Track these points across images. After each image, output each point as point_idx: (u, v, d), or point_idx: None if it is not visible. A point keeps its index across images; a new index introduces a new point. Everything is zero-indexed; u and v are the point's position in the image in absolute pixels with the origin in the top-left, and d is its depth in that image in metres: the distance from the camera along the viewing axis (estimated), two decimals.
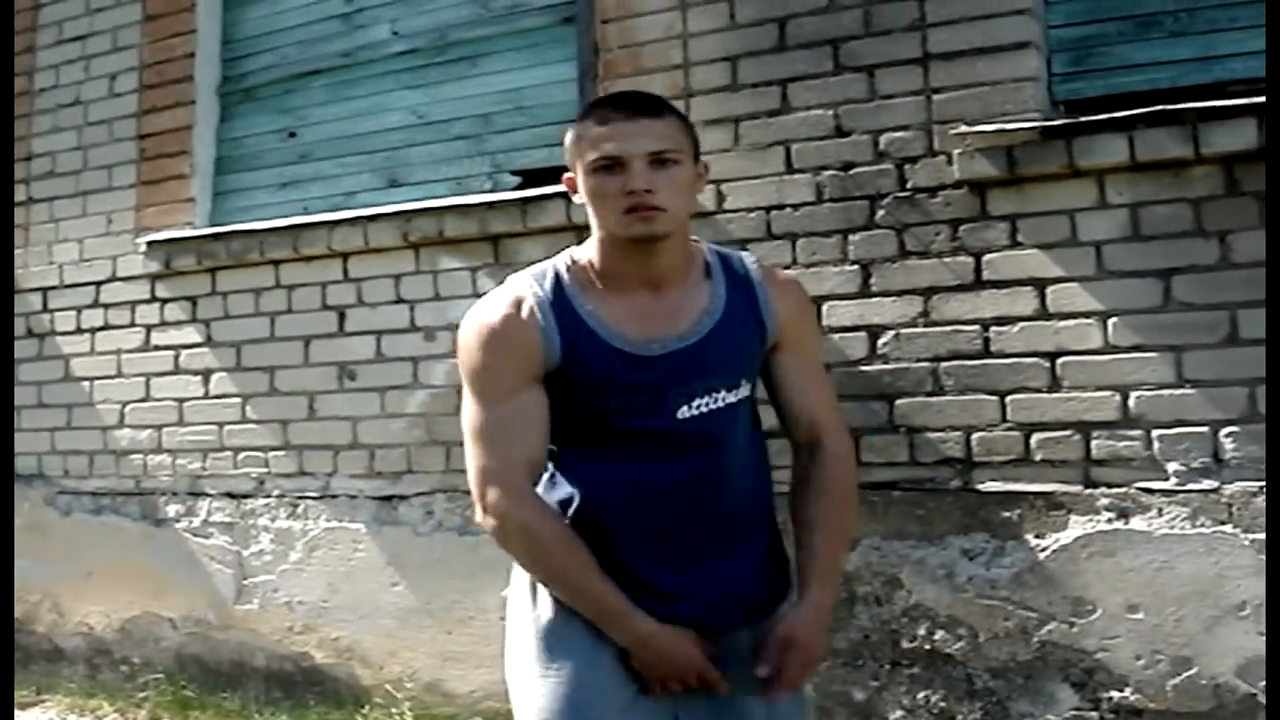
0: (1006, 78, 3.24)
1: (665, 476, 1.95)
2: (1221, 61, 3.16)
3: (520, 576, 2.05)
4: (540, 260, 2.09)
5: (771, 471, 2.11)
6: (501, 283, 2.07)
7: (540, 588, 1.99)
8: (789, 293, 2.10)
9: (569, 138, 2.00)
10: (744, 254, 2.13)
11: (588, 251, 2.01)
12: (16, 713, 4.68)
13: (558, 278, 2.00)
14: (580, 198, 1.99)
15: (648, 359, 1.95)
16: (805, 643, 1.93)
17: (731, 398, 1.99)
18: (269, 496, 4.44)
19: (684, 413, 1.95)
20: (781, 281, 2.13)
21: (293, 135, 4.67)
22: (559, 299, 1.97)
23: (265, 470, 4.45)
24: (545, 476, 2.02)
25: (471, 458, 1.97)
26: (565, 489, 2.00)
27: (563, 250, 2.06)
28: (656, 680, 1.92)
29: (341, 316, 4.31)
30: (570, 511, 1.98)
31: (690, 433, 1.96)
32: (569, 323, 1.96)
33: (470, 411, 1.99)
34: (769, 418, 2.11)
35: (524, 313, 1.96)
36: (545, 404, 1.96)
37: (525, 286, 1.99)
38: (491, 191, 4.08)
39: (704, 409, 1.96)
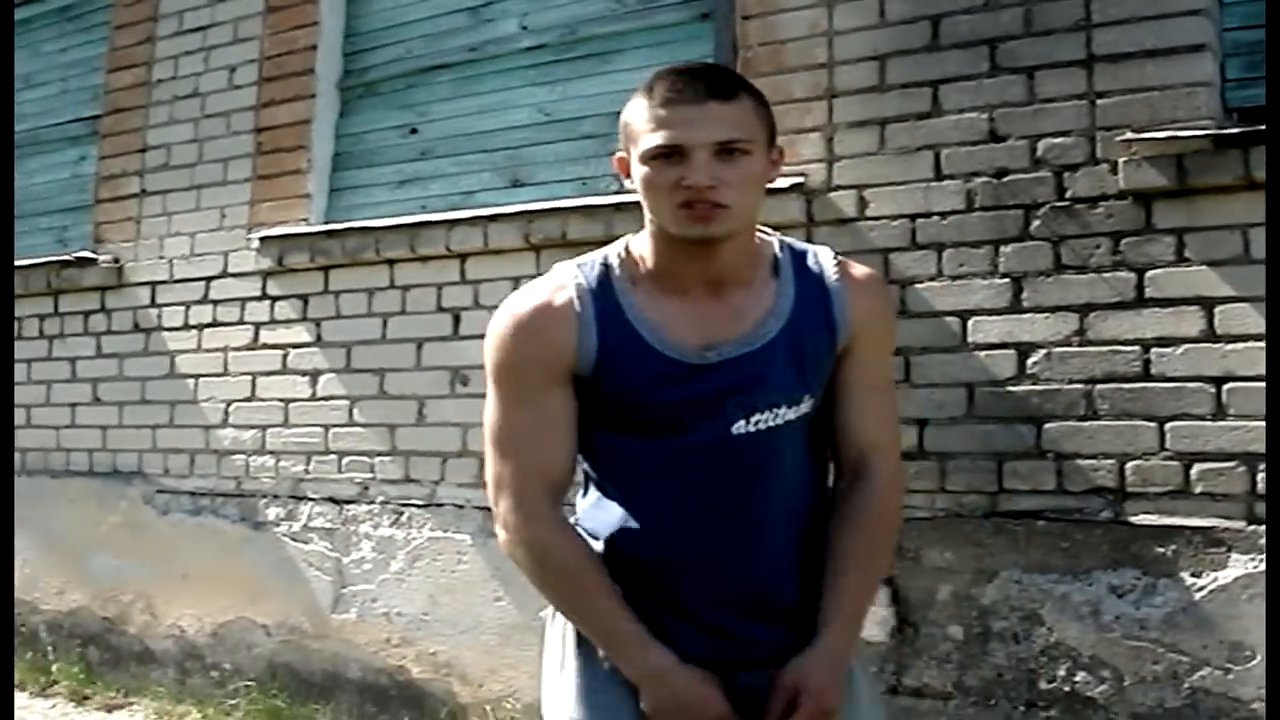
0: (1178, 82, 3.22)
1: (718, 500, 1.84)
2: None
3: (555, 620, 1.98)
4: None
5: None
6: None
7: (569, 639, 1.92)
8: (868, 294, 1.93)
9: (625, 114, 1.83)
10: (821, 249, 1.97)
11: (641, 244, 1.89)
12: (105, 714, 4.84)
13: (606, 268, 1.87)
14: (633, 183, 1.83)
15: (701, 368, 1.81)
16: (815, 691, 1.77)
17: (791, 414, 1.84)
18: (372, 503, 4.54)
19: (740, 428, 1.81)
20: (860, 281, 1.93)
21: (414, 131, 4.80)
22: (603, 291, 1.85)
23: (370, 476, 4.55)
24: (594, 496, 1.94)
25: (489, 464, 1.88)
26: (609, 511, 1.90)
27: (621, 238, 1.94)
28: None
29: (456, 319, 4.40)
30: (611, 535, 1.89)
31: (745, 451, 1.82)
32: (611, 320, 1.83)
33: (491, 413, 1.88)
34: None
35: (560, 304, 1.83)
36: (573, 410, 1.86)
37: (568, 275, 1.87)
38: (618, 193, 4.13)
39: (763, 425, 1.82)
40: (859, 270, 1.96)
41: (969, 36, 3.51)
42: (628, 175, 1.85)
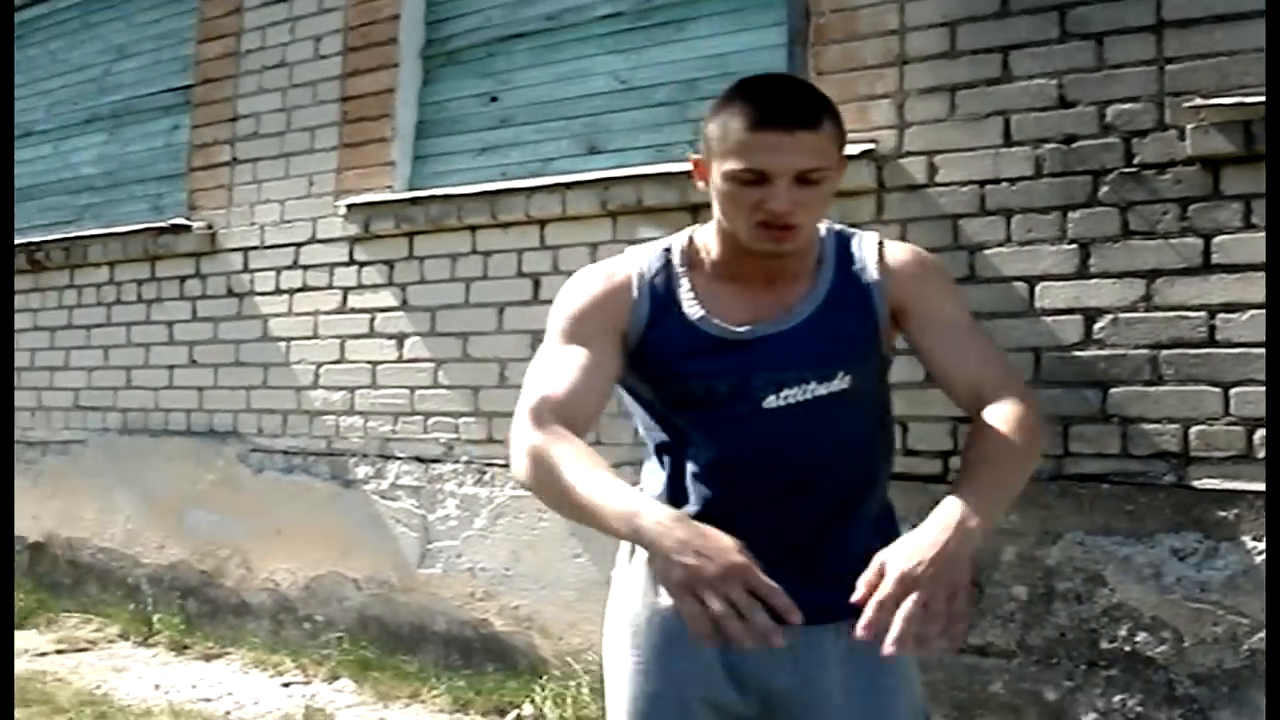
0: (1248, 47, 3.21)
1: (754, 470, 1.93)
2: None
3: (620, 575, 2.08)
4: None
5: (886, 479, 2.08)
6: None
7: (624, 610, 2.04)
8: (901, 264, 2.00)
9: (711, 125, 1.87)
10: (867, 234, 2.05)
11: (707, 236, 2.01)
12: (203, 663, 5.07)
13: (668, 254, 2.01)
14: (706, 187, 1.91)
15: (731, 343, 1.93)
16: (903, 572, 1.57)
17: (822, 390, 1.92)
18: (457, 462, 4.70)
19: (771, 402, 1.91)
20: (896, 254, 2.02)
21: (494, 100, 4.91)
22: (663, 275, 1.99)
23: (454, 436, 4.71)
24: (653, 465, 2.06)
25: (519, 402, 1.90)
26: (662, 475, 2.02)
27: (688, 227, 2.07)
28: (688, 589, 1.51)
29: (536, 284, 4.52)
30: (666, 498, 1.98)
31: (780, 424, 1.91)
32: (662, 297, 1.97)
33: (536, 359, 1.96)
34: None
35: (621, 277, 1.99)
36: (610, 362, 1.93)
37: (634, 257, 2.03)
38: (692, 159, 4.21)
39: (793, 399, 1.91)
40: (897, 246, 2.06)
41: (1039, 2, 3.52)
42: (704, 179, 1.92)
